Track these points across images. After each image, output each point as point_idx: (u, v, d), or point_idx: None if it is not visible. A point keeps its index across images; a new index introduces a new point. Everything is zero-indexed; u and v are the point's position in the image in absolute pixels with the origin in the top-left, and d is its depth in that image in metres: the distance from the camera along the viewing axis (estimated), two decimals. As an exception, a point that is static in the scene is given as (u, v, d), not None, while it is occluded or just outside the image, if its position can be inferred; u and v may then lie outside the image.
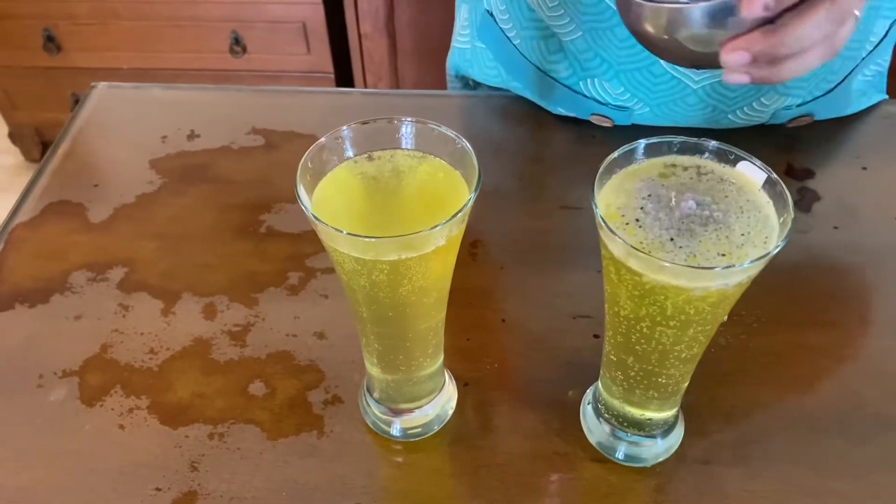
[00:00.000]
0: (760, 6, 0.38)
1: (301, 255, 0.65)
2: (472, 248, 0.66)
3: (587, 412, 0.53)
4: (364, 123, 0.44)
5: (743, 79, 0.42)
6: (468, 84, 0.86)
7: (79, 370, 0.58)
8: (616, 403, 0.49)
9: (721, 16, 0.40)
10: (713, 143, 0.42)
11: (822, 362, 0.58)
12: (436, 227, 0.38)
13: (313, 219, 0.39)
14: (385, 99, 0.84)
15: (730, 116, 0.72)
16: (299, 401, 0.56)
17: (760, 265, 0.37)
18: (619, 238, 0.37)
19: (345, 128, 0.44)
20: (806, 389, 0.56)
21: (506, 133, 0.77)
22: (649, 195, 0.40)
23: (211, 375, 0.58)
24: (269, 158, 0.74)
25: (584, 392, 0.55)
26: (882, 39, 0.73)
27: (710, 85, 0.69)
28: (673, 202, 0.40)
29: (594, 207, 0.40)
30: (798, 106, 0.73)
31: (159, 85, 0.83)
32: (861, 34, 0.70)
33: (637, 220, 0.40)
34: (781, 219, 0.39)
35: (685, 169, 0.42)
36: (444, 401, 0.53)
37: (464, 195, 0.42)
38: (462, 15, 0.84)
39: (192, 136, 0.76)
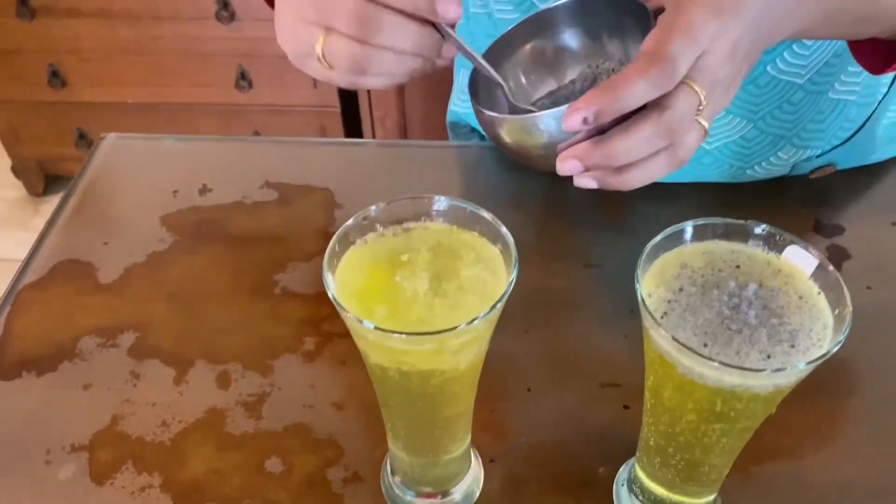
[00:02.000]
0: (578, 121, 0.37)
1: (316, 317, 0.63)
2: (493, 311, 0.64)
3: (621, 494, 0.50)
4: (396, 202, 0.42)
5: (590, 183, 0.41)
6: (474, 129, 0.85)
7: (88, 444, 0.56)
8: (654, 487, 0.47)
9: (552, 125, 0.40)
10: (761, 227, 0.40)
11: (860, 432, 0.56)
12: (474, 320, 0.36)
13: (341, 309, 0.37)
14: (399, 150, 0.83)
15: (748, 172, 0.70)
16: (318, 479, 0.53)
17: (814, 366, 0.35)
18: (666, 332, 0.35)
19: (373, 207, 0.42)
20: (847, 463, 0.54)
21: (523, 186, 0.75)
22: (693, 286, 0.38)
23: (226, 450, 0.55)
24: (282, 214, 0.72)
25: (616, 469, 0.53)
26: (894, 80, 0.72)
27: (724, 144, 0.67)
28: (718, 296, 0.38)
29: (639, 296, 0.38)
30: (818, 156, 0.71)
31: (170, 136, 0.81)
32: (874, 79, 0.69)
33: (681, 312, 0.38)
34: (836, 311, 0.37)
35: (731, 254, 0.40)
36: (471, 481, 0.51)
37: (500, 271, 0.40)
38: (461, 80, 0.83)
39: (203, 190, 0.75)
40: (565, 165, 0.40)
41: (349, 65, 0.44)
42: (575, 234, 0.70)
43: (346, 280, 0.40)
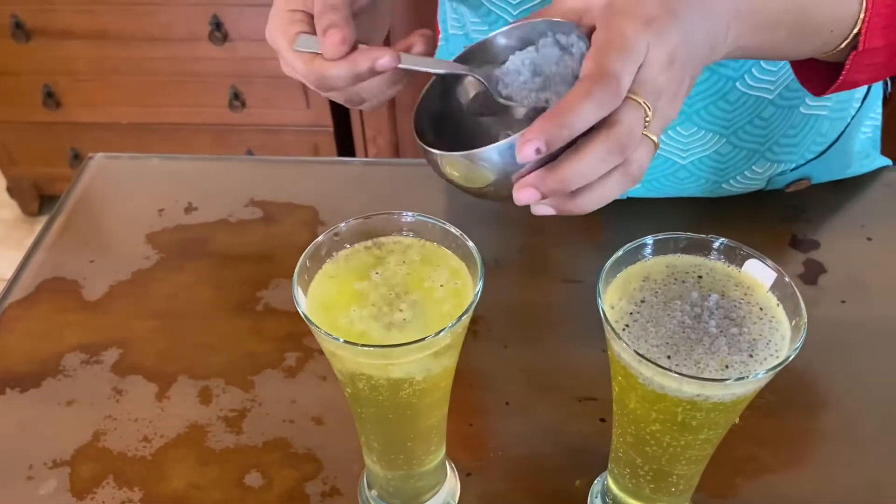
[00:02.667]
0: (531, 151, 0.36)
1: (298, 333, 0.64)
2: (473, 325, 0.64)
3: (595, 506, 0.51)
4: (366, 218, 0.43)
5: (547, 210, 0.41)
6: None
7: (70, 460, 0.56)
8: (625, 499, 0.48)
9: (504, 157, 0.39)
10: (720, 241, 0.41)
11: (834, 446, 0.56)
12: (441, 332, 0.37)
13: (309, 323, 0.38)
14: (385, 169, 0.84)
15: (724, 186, 0.71)
16: (297, 493, 0.54)
17: (772, 375, 0.36)
18: (627, 343, 0.36)
19: (342, 224, 0.43)
20: (820, 476, 0.54)
21: (504, 205, 0.76)
22: (655, 297, 0.39)
23: (206, 465, 0.56)
24: (267, 232, 0.73)
25: (592, 482, 0.53)
26: (866, 96, 0.73)
27: (698, 159, 0.69)
28: (680, 306, 0.39)
29: (600, 309, 0.39)
30: (793, 170, 0.72)
31: (157, 155, 0.82)
32: (843, 95, 0.70)
33: (644, 323, 0.39)
34: (794, 322, 0.38)
35: (694, 267, 0.41)
36: (447, 495, 0.52)
37: (468, 283, 0.41)
38: None
39: (189, 208, 0.76)
40: (521, 195, 0.39)
41: (314, 86, 0.46)
42: (554, 251, 0.71)
43: (316, 294, 0.41)
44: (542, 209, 0.40)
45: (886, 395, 0.59)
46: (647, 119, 0.38)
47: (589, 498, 0.52)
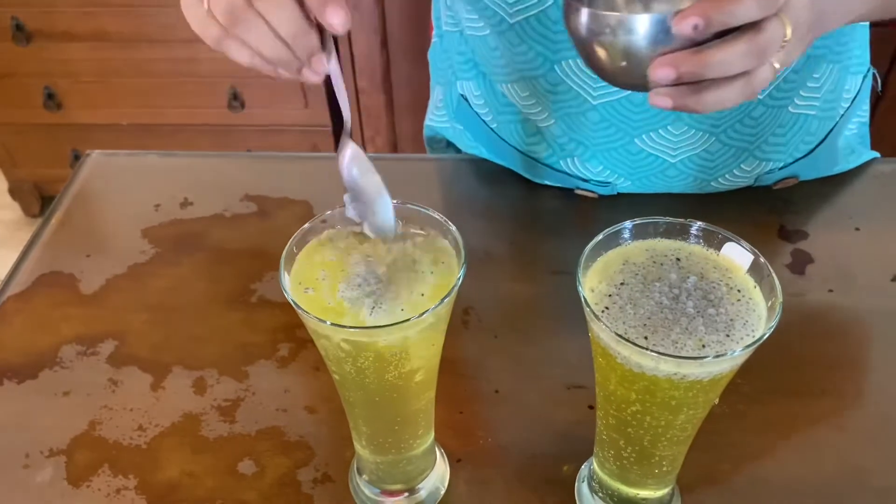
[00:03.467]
0: (690, 25, 0.39)
1: (291, 325, 0.65)
2: (464, 316, 0.65)
3: (582, 491, 0.52)
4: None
5: (666, 102, 0.42)
6: (450, 143, 0.87)
7: (66, 449, 0.57)
8: (610, 482, 0.49)
9: (654, 29, 0.41)
10: (698, 225, 0.41)
11: (821, 433, 0.57)
12: (424, 313, 0.38)
13: (297, 307, 0.39)
14: (378, 164, 0.84)
15: (713, 184, 0.72)
16: (289, 480, 0.55)
17: (747, 353, 0.36)
18: (605, 324, 0.37)
19: (329, 212, 0.44)
20: (805, 462, 0.55)
21: (496, 198, 0.77)
22: (634, 279, 0.40)
23: (200, 453, 0.57)
24: (261, 226, 0.74)
25: (580, 468, 0.54)
26: (856, 95, 0.74)
27: (688, 157, 0.69)
28: (659, 288, 0.40)
29: (580, 291, 0.39)
30: (781, 169, 0.73)
31: (154, 152, 0.83)
32: (834, 93, 0.71)
33: (623, 305, 0.39)
34: (769, 303, 0.39)
35: (673, 250, 0.42)
36: (436, 480, 0.52)
37: (451, 268, 0.42)
38: (437, 96, 0.85)
39: (185, 203, 0.76)
40: (660, 72, 0.41)
41: (223, 16, 0.43)
42: (545, 243, 0.72)
43: (302, 279, 0.42)
44: (662, 100, 0.42)
45: (872, 382, 0.60)
46: (785, 40, 0.40)
47: (576, 483, 0.53)
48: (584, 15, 0.43)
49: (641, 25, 0.41)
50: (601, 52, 0.44)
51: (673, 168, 0.70)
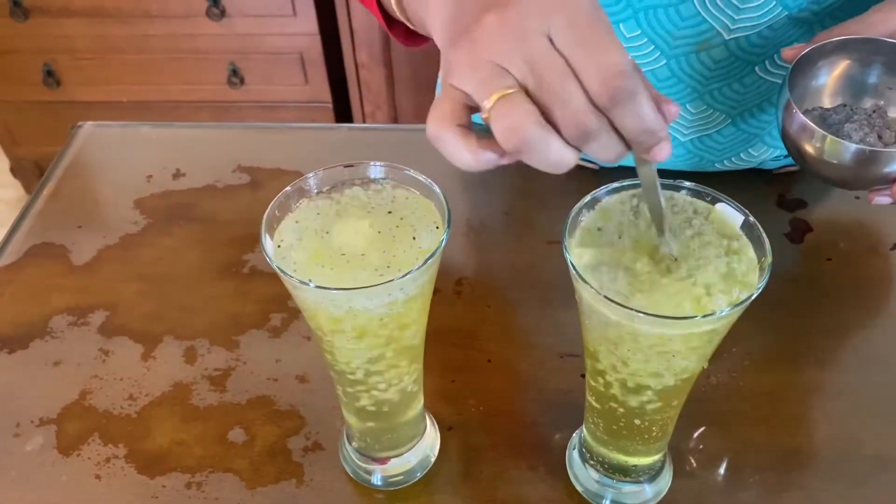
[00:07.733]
0: None
1: (283, 295, 0.64)
2: (457, 286, 0.65)
3: (573, 458, 0.51)
4: (346, 167, 0.43)
5: (885, 201, 0.52)
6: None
7: (56, 418, 0.57)
8: (601, 449, 0.48)
9: (880, 165, 0.49)
10: (689, 185, 0.41)
11: (816, 400, 0.57)
12: (408, 274, 0.37)
13: (281, 272, 0.39)
14: (372, 134, 0.84)
15: (717, 165, 0.71)
16: (279, 448, 0.55)
17: (737, 313, 0.36)
18: (589, 284, 0.36)
19: (310, 175, 0.43)
20: (800, 430, 0.55)
21: (492, 169, 0.76)
22: (619, 238, 0.39)
23: (190, 422, 0.56)
24: (253, 197, 0.74)
25: (571, 436, 0.53)
26: None
27: (698, 138, 0.68)
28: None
29: (565, 252, 0.39)
30: (786, 156, 0.72)
31: (147, 123, 0.83)
32: None
33: (613, 265, 0.39)
34: (760, 262, 0.38)
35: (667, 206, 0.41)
36: (427, 447, 0.52)
37: (436, 229, 0.41)
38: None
39: (177, 174, 0.76)
40: (878, 198, 0.52)
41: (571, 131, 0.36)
42: (540, 213, 0.71)
43: (285, 244, 0.41)
44: (883, 199, 0.52)
45: (869, 351, 0.59)
46: None
47: (567, 450, 0.52)
48: (824, 141, 0.50)
49: (870, 159, 0.48)
50: (825, 169, 0.51)
51: (681, 147, 0.69)
